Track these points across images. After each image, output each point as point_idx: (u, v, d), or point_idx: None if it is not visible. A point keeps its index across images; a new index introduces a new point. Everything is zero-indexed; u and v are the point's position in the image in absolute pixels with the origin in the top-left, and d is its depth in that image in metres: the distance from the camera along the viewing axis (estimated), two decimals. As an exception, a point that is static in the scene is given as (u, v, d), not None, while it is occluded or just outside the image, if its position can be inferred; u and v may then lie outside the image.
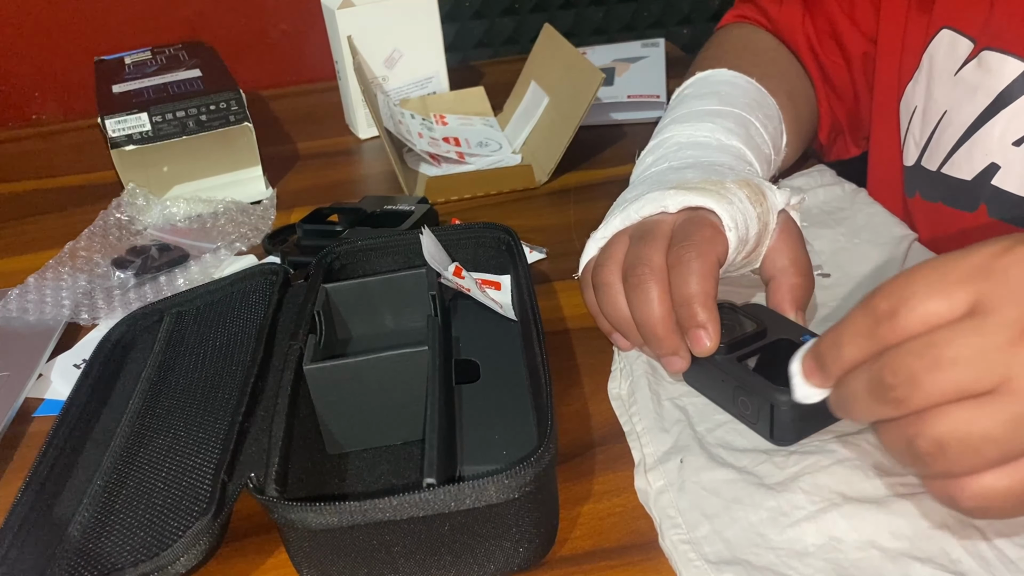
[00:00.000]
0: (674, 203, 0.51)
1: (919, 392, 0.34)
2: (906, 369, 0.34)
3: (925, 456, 0.34)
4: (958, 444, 0.33)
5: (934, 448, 0.34)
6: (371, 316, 0.58)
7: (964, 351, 0.33)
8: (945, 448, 0.33)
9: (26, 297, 0.67)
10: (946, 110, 0.61)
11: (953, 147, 0.61)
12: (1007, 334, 0.32)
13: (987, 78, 0.58)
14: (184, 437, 0.50)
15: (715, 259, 0.48)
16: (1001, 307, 0.33)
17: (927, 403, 0.34)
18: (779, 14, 0.78)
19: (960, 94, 0.60)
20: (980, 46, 0.59)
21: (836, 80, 0.75)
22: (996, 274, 0.33)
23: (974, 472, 0.34)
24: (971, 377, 0.33)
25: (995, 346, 0.33)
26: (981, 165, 0.59)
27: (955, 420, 0.33)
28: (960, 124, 0.60)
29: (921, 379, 0.33)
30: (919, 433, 0.34)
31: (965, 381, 0.33)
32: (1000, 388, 0.33)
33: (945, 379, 0.33)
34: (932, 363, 0.33)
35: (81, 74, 1.04)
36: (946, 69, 0.61)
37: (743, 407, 0.48)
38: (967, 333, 0.33)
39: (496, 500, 0.39)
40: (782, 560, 0.41)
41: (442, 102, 0.93)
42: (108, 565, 0.42)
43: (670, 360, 0.49)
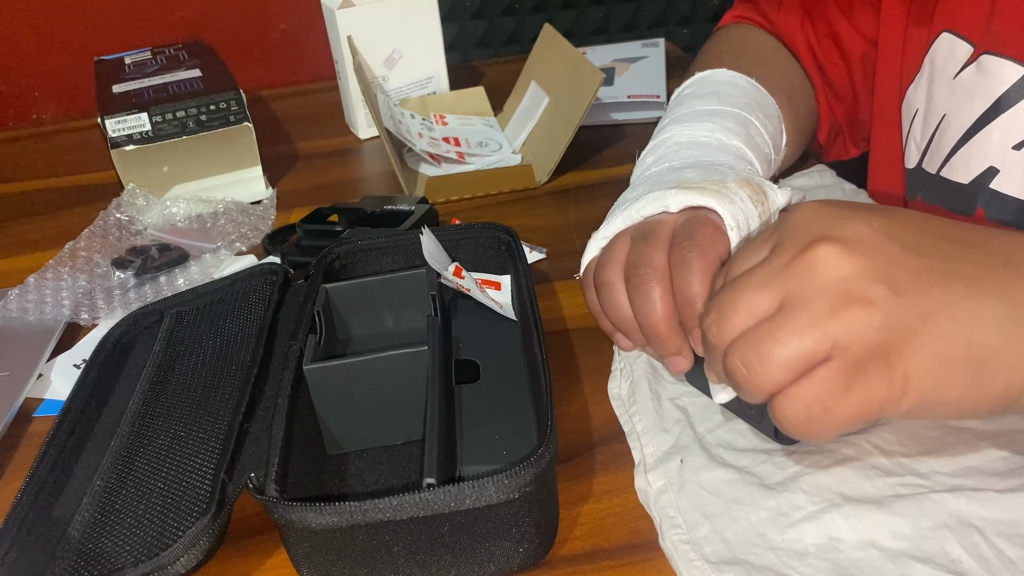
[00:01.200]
0: (676, 203, 0.51)
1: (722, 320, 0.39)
2: (714, 303, 0.41)
3: (733, 375, 0.39)
4: (753, 352, 0.38)
5: (736, 363, 0.38)
6: (371, 316, 0.58)
7: (752, 277, 0.39)
8: (747, 358, 0.38)
9: (26, 297, 0.67)
10: (945, 113, 0.61)
11: (952, 150, 0.61)
12: (784, 258, 0.39)
13: (986, 82, 0.58)
14: (184, 437, 0.50)
15: (717, 258, 0.48)
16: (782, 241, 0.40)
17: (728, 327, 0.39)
18: (778, 15, 0.78)
19: (959, 98, 0.60)
20: (979, 50, 0.59)
21: (835, 81, 0.75)
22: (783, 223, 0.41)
23: (782, 387, 0.38)
24: (760, 297, 0.38)
25: (774, 269, 0.39)
26: (979, 168, 0.59)
27: (748, 334, 0.38)
28: (959, 127, 0.60)
29: (722, 307, 0.40)
30: (725, 354, 0.39)
31: (755, 301, 0.39)
32: (783, 303, 0.38)
33: (739, 307, 0.39)
34: (730, 298, 0.40)
35: (81, 74, 1.04)
36: (946, 72, 0.61)
37: (747, 406, 0.48)
38: (757, 266, 0.40)
39: (496, 500, 0.39)
40: (782, 560, 0.41)
41: (442, 102, 0.93)
42: (108, 565, 0.42)
43: (673, 360, 0.49)
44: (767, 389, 0.38)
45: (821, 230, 0.39)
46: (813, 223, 0.39)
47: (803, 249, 0.38)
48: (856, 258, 0.37)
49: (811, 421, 0.37)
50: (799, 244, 0.39)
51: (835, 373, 0.37)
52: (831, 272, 0.37)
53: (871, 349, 0.37)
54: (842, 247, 0.37)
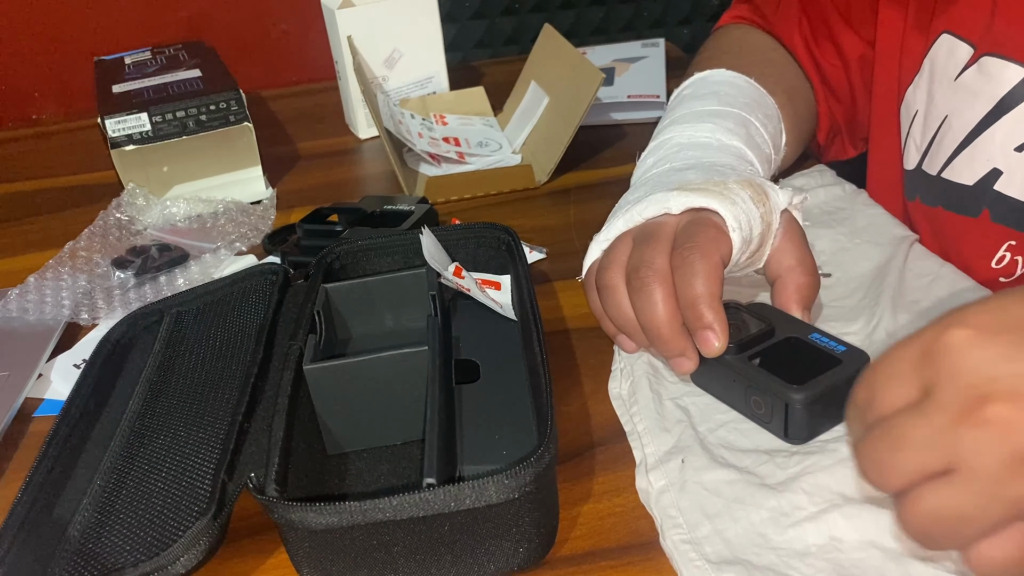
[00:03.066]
0: (677, 204, 0.51)
1: (884, 473, 0.36)
2: (870, 452, 0.36)
3: (920, 539, 0.36)
4: (936, 525, 0.35)
5: (920, 532, 0.36)
6: (371, 316, 0.58)
7: (914, 432, 0.35)
8: (929, 531, 0.35)
9: (26, 297, 0.67)
10: (947, 115, 0.61)
11: (954, 152, 0.61)
12: (947, 415, 0.34)
13: (988, 84, 0.58)
14: (184, 437, 0.50)
15: (719, 260, 0.48)
16: (939, 389, 0.34)
17: (895, 483, 0.36)
18: (775, 16, 0.78)
19: (961, 99, 0.60)
20: (980, 52, 0.59)
21: (833, 81, 0.75)
22: (935, 356, 0.35)
23: (969, 545, 0.35)
24: (925, 457, 0.34)
25: (939, 428, 0.34)
26: (983, 170, 0.59)
27: (926, 501, 0.35)
28: (961, 129, 0.60)
29: (883, 460, 0.36)
30: (903, 520, 0.36)
31: (921, 461, 0.34)
32: (954, 467, 0.34)
33: (903, 459, 0.35)
34: (891, 444, 0.35)
35: (81, 74, 1.04)
36: (946, 74, 0.61)
37: (755, 406, 0.48)
38: (915, 415, 0.35)
39: (496, 500, 0.39)
40: (783, 560, 0.41)
41: (442, 102, 0.93)
42: (108, 565, 0.42)
43: (678, 361, 0.49)
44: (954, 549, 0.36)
45: (986, 382, 0.33)
46: (975, 369, 0.34)
47: (969, 410, 0.33)
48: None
49: None
50: (962, 401, 0.34)
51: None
52: (1006, 438, 0.33)
53: None
54: (1013, 407, 0.33)
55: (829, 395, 0.46)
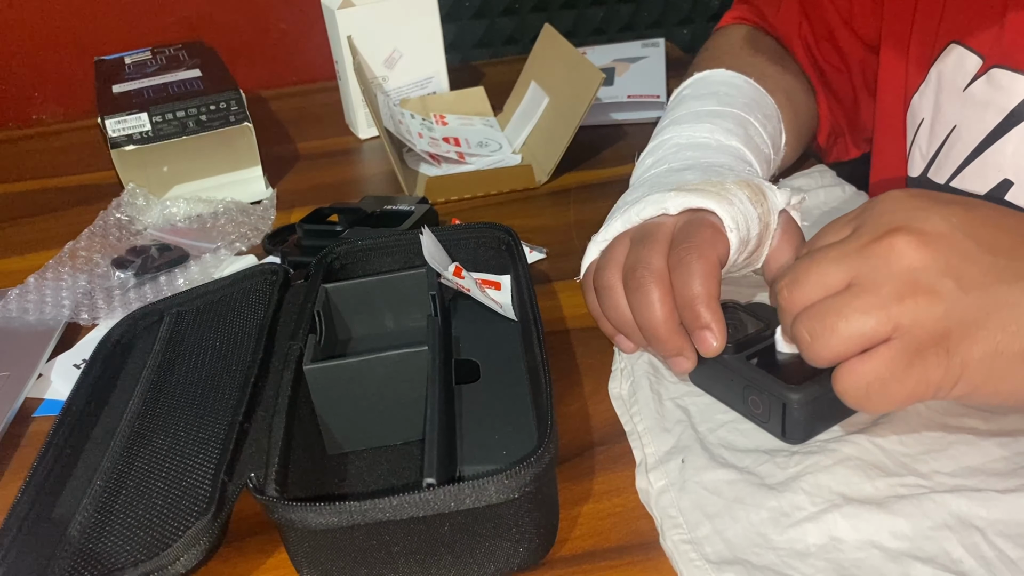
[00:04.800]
0: (675, 205, 0.51)
1: (794, 286, 0.42)
2: (790, 271, 0.43)
3: (799, 341, 0.41)
4: (819, 321, 0.40)
5: (803, 328, 0.41)
6: (371, 316, 0.58)
7: (828, 252, 0.42)
8: (812, 325, 0.40)
9: (26, 297, 0.67)
10: (955, 125, 0.61)
11: (963, 162, 0.60)
12: (860, 242, 0.41)
13: (997, 96, 0.58)
14: (184, 437, 0.50)
15: (716, 260, 0.48)
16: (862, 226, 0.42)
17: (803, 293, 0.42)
18: (776, 17, 0.77)
19: (970, 110, 0.60)
20: (989, 63, 0.58)
21: (835, 83, 0.75)
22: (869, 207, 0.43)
23: (843, 358, 0.40)
24: (830, 271, 0.41)
25: (849, 250, 0.41)
26: (994, 181, 0.59)
27: (817, 305, 0.41)
28: (971, 140, 0.60)
29: (797, 275, 0.42)
30: (795, 321, 0.42)
31: (826, 274, 0.41)
32: (853, 281, 0.40)
33: (814, 272, 0.41)
34: (807, 262, 0.42)
35: (81, 74, 1.05)
36: (955, 84, 0.61)
37: (753, 406, 0.48)
38: (835, 245, 0.42)
39: (496, 500, 0.39)
40: (783, 560, 0.41)
41: (442, 102, 0.93)
42: (108, 565, 0.42)
43: (676, 361, 0.49)
44: (828, 358, 0.41)
45: (902, 220, 0.41)
46: (895, 211, 0.41)
47: (881, 236, 0.40)
48: (929, 252, 0.39)
49: (869, 395, 0.40)
50: (878, 230, 0.41)
51: (896, 353, 0.39)
52: (903, 262, 0.39)
53: (932, 335, 0.39)
54: (918, 239, 0.40)
55: (827, 396, 0.46)
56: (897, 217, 0.41)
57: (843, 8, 0.72)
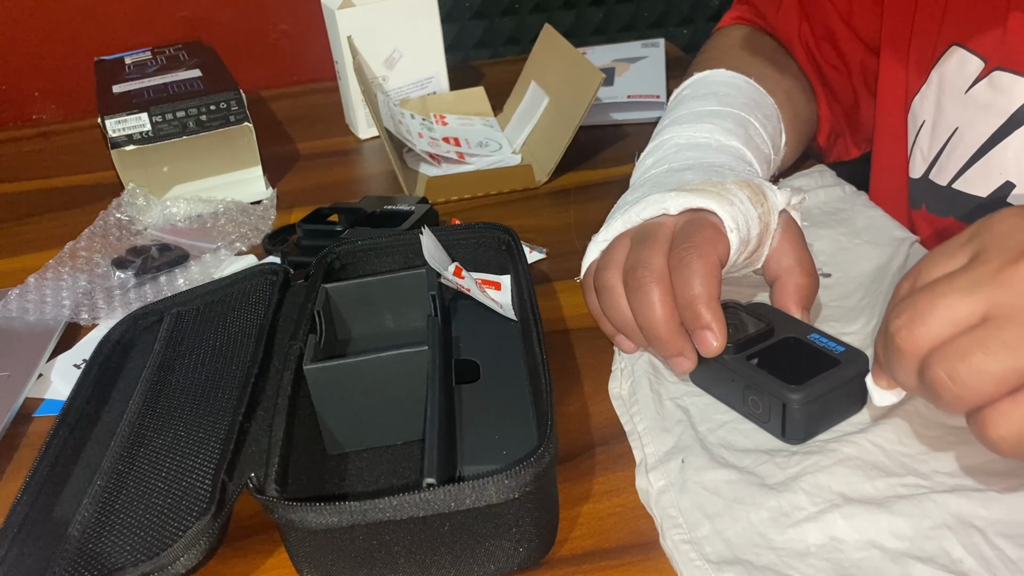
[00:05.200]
0: (675, 205, 0.51)
1: (916, 324, 0.37)
2: (908, 307, 0.38)
3: (937, 387, 0.36)
4: (959, 364, 0.35)
5: (939, 375, 0.36)
6: (371, 316, 0.58)
7: (955, 283, 0.37)
8: (952, 370, 0.36)
9: (26, 297, 0.67)
10: (957, 127, 0.61)
11: (965, 164, 0.60)
12: (990, 267, 0.36)
13: (999, 98, 0.58)
14: (184, 437, 0.50)
15: (716, 260, 0.48)
16: (986, 250, 0.37)
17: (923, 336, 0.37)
18: (776, 18, 0.78)
19: (972, 113, 0.60)
20: (991, 66, 0.58)
21: (835, 84, 0.75)
22: (984, 230, 0.38)
23: (990, 401, 0.36)
24: (960, 304, 0.36)
25: (980, 277, 0.36)
26: (996, 183, 0.59)
27: (953, 346, 0.36)
28: (973, 142, 0.60)
29: (920, 312, 0.37)
30: (926, 364, 0.37)
31: (956, 308, 0.36)
32: (990, 314, 0.35)
33: (940, 306, 0.36)
34: (930, 297, 0.37)
35: (81, 74, 1.04)
36: (956, 87, 0.61)
37: (753, 406, 0.48)
38: (958, 273, 0.37)
39: (496, 500, 0.39)
40: (783, 560, 0.41)
41: (442, 102, 0.93)
42: (108, 565, 0.42)
43: (677, 361, 0.49)
44: (974, 402, 0.36)
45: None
46: (1022, 231, 0.37)
47: (1014, 260, 0.36)
48: None
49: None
50: (1009, 253, 0.36)
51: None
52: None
53: None
54: None
55: (827, 396, 0.46)
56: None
57: (843, 8, 0.72)
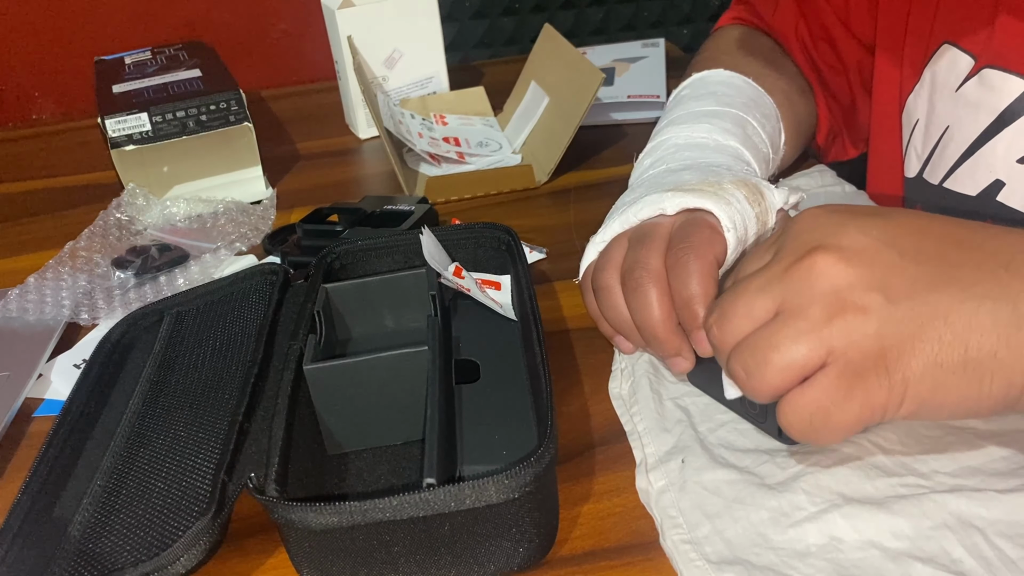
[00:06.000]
0: (672, 205, 0.51)
1: (722, 321, 0.41)
2: (715, 305, 0.42)
3: (737, 372, 0.40)
4: (752, 354, 0.39)
5: (737, 364, 0.40)
6: (371, 316, 0.58)
7: (752, 282, 0.40)
8: (745, 360, 0.39)
9: (26, 297, 0.67)
10: (948, 125, 0.61)
11: (956, 162, 0.61)
12: (782, 266, 0.40)
13: (989, 96, 0.58)
14: (184, 437, 0.50)
15: (713, 260, 0.48)
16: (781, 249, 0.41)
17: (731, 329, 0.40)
18: (773, 18, 0.78)
19: (962, 111, 0.60)
20: (981, 63, 0.58)
21: (832, 83, 0.75)
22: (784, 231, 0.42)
23: (784, 391, 0.39)
24: (756, 301, 0.40)
25: (772, 276, 0.40)
26: (985, 181, 0.59)
27: (748, 338, 0.40)
28: (963, 140, 0.60)
29: (723, 309, 0.41)
30: (729, 358, 0.40)
31: (752, 304, 0.40)
32: (780, 308, 0.39)
33: (740, 303, 0.40)
34: (732, 294, 0.41)
35: (81, 74, 1.05)
36: (947, 85, 0.61)
37: (750, 406, 0.48)
38: (758, 272, 0.41)
39: (496, 500, 0.39)
40: (783, 560, 0.41)
41: (442, 102, 0.93)
42: (108, 565, 0.42)
43: (675, 361, 0.49)
44: (768, 393, 0.39)
45: (819, 238, 0.39)
46: (812, 230, 0.40)
47: (800, 257, 0.39)
48: (851, 267, 0.38)
49: (814, 427, 0.39)
50: (797, 252, 0.40)
51: (834, 380, 0.38)
52: (826, 281, 0.38)
53: (868, 355, 0.37)
54: (838, 256, 0.38)
55: None
56: (815, 236, 0.40)
57: (839, 9, 0.72)
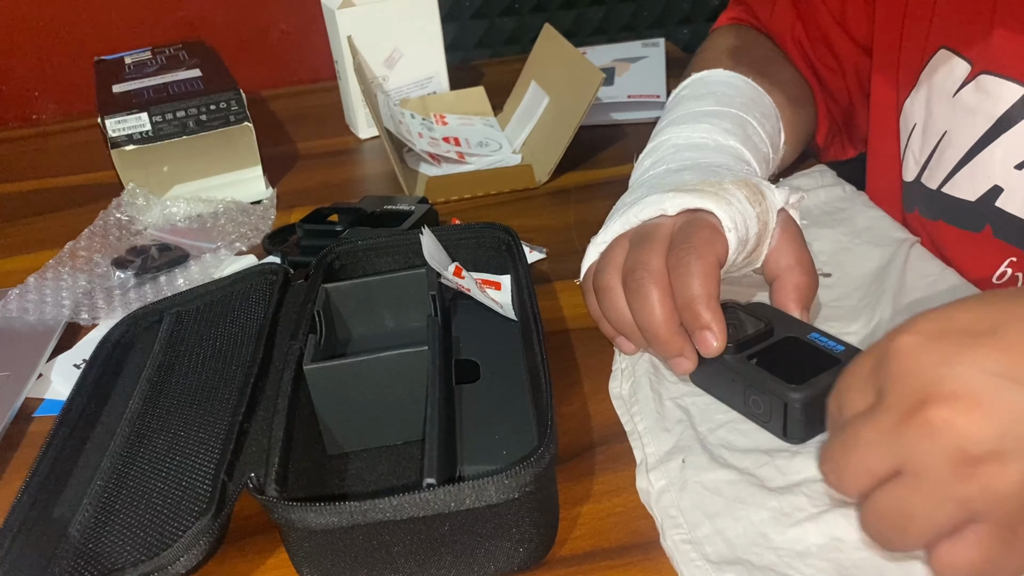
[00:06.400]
0: (673, 205, 0.51)
1: (838, 474, 0.38)
2: (827, 453, 0.38)
3: (876, 538, 0.38)
4: (888, 524, 0.36)
5: (875, 532, 0.37)
6: (371, 316, 0.58)
7: (864, 433, 0.36)
8: (883, 531, 0.37)
9: (26, 297, 0.67)
10: (946, 130, 0.61)
11: (954, 168, 0.60)
12: (893, 417, 0.35)
13: (986, 102, 0.58)
14: (184, 437, 0.50)
15: (715, 260, 0.48)
16: (887, 392, 0.36)
17: (849, 484, 0.38)
18: (770, 19, 0.77)
19: (959, 116, 0.60)
20: (977, 69, 0.58)
21: (831, 84, 0.75)
22: (885, 362, 0.36)
23: (927, 545, 0.36)
24: (873, 458, 0.36)
25: (885, 429, 0.35)
26: (984, 187, 0.59)
27: (878, 502, 0.36)
28: (961, 146, 0.60)
29: (837, 461, 0.38)
30: (862, 520, 0.38)
31: (870, 461, 0.36)
32: (901, 468, 0.35)
33: (855, 460, 0.37)
34: (843, 446, 0.37)
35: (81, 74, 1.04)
36: (944, 90, 0.61)
37: (754, 406, 0.48)
38: (865, 417, 0.37)
39: (496, 500, 0.39)
40: (783, 560, 0.41)
41: (442, 102, 0.93)
42: (108, 565, 0.42)
43: (677, 362, 0.49)
44: (911, 550, 0.38)
45: (928, 385, 0.35)
46: (918, 372, 0.35)
47: (912, 412, 0.35)
48: (974, 419, 0.33)
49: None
50: (905, 404, 0.35)
51: (986, 537, 0.34)
52: (948, 439, 0.34)
53: (1019, 504, 0.34)
54: (953, 408, 0.34)
55: (827, 395, 0.46)
56: (922, 380, 0.35)
57: (836, 10, 0.72)
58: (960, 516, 0.34)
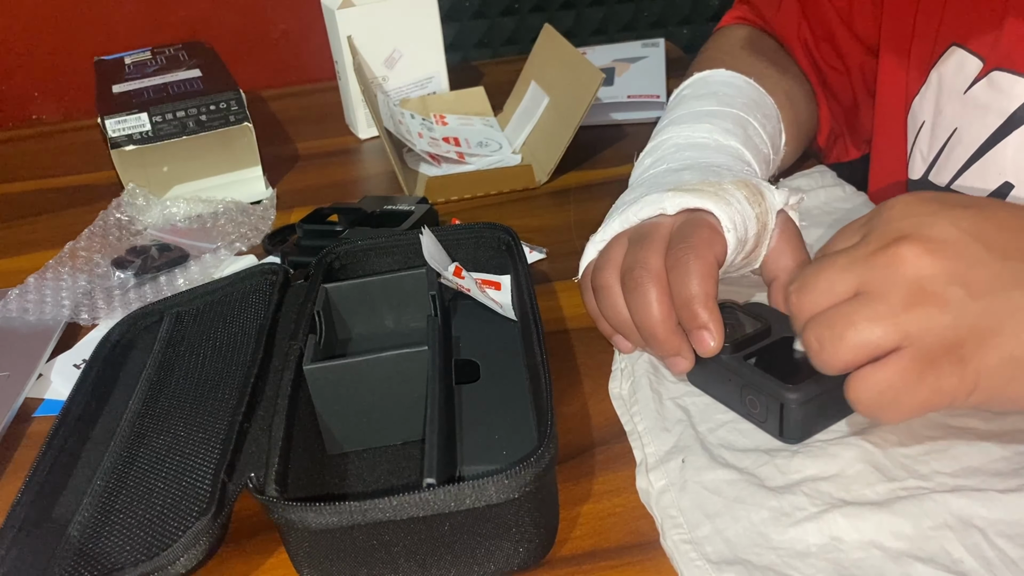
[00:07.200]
0: (672, 205, 0.51)
1: (801, 292, 0.42)
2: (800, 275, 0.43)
3: (811, 344, 0.41)
4: (828, 330, 0.40)
5: (812, 335, 0.41)
6: (371, 316, 0.58)
7: (837, 259, 0.41)
8: (819, 332, 0.40)
9: (26, 297, 0.67)
10: (956, 128, 0.61)
11: (964, 165, 0.60)
12: (868, 249, 0.40)
13: (998, 98, 0.58)
14: (184, 437, 0.50)
15: (713, 259, 0.48)
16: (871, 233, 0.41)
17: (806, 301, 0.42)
18: (776, 18, 0.77)
19: (970, 113, 0.60)
20: (989, 66, 0.58)
21: (834, 84, 0.75)
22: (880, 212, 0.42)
23: (853, 366, 0.40)
24: (839, 277, 0.40)
25: (857, 257, 0.40)
26: (995, 184, 0.59)
27: (827, 312, 0.40)
28: (971, 143, 0.60)
29: (806, 279, 0.42)
30: (805, 328, 0.41)
31: (834, 280, 0.41)
32: (861, 289, 0.40)
33: (822, 277, 0.41)
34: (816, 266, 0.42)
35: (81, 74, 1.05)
36: (955, 87, 0.61)
37: (751, 406, 0.48)
38: (843, 251, 0.41)
39: (496, 500, 0.39)
40: (783, 560, 0.41)
41: (442, 102, 0.93)
42: (108, 565, 0.42)
43: (674, 361, 0.49)
44: (837, 366, 0.40)
45: (909, 227, 0.40)
46: (904, 218, 0.41)
47: (888, 243, 0.40)
48: (937, 259, 0.39)
49: (882, 404, 0.39)
50: (886, 237, 0.40)
51: (907, 362, 0.39)
52: (910, 270, 0.39)
53: (943, 344, 0.38)
54: (925, 247, 0.39)
55: (824, 395, 0.46)
56: (905, 224, 0.40)
57: (842, 9, 0.72)
58: (890, 340, 0.39)
